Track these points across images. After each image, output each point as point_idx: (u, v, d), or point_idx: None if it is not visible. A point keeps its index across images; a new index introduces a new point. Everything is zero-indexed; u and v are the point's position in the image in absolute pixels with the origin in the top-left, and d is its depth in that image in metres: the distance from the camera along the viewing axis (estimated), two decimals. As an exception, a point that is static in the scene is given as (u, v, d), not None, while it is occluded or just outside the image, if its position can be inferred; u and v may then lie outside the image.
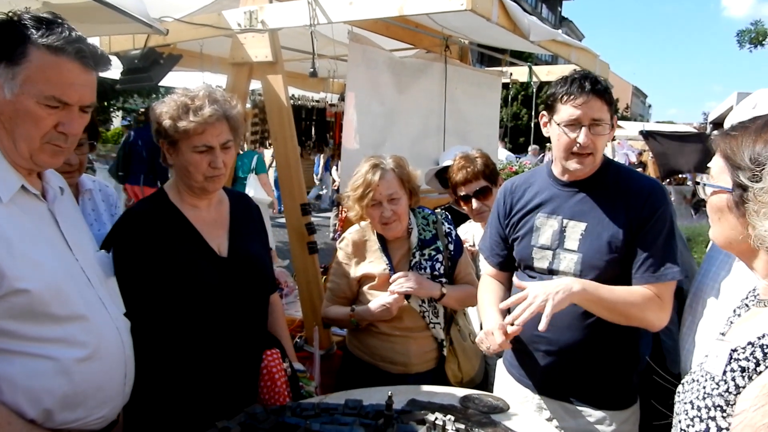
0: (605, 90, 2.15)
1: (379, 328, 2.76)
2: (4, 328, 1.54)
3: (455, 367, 2.87)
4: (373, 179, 2.69)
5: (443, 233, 2.89)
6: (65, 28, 1.61)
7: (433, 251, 2.83)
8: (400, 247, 2.83)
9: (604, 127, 2.15)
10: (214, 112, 2.12)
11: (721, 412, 1.32)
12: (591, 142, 2.15)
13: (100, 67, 1.68)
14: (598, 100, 2.13)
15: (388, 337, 2.76)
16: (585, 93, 2.13)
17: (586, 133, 2.14)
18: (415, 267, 2.78)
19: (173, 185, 2.29)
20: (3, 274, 1.51)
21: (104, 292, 1.81)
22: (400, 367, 2.76)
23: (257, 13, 3.63)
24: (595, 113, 2.14)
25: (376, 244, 2.81)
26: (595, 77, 2.18)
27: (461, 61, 5.48)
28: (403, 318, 2.74)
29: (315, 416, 1.98)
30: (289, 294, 4.83)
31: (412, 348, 2.76)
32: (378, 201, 2.70)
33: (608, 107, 2.16)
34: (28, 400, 1.57)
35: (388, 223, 2.72)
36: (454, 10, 3.09)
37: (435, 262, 2.81)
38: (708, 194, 1.52)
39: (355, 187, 2.75)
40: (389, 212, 2.70)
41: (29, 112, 1.57)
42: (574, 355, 2.26)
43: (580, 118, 2.14)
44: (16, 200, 1.62)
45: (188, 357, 2.15)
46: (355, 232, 2.89)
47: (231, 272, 2.22)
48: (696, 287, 2.26)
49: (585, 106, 2.13)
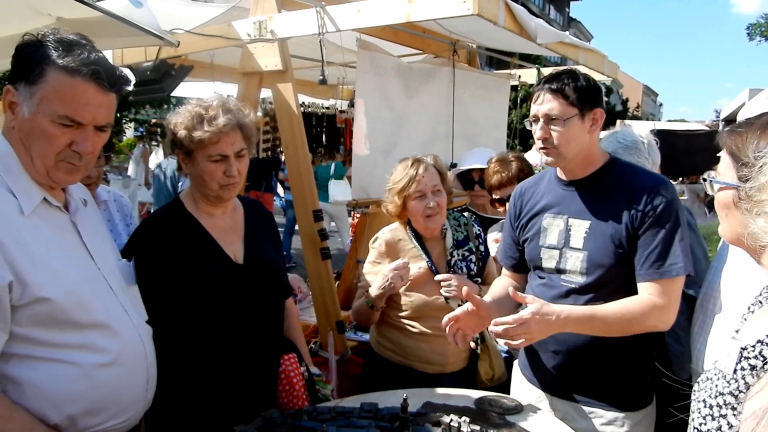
0: (562, 86, 2.20)
1: (418, 328, 2.77)
2: (27, 335, 1.58)
3: (487, 365, 2.90)
4: (417, 172, 2.75)
5: (474, 235, 2.95)
6: (86, 49, 1.65)
7: (467, 252, 2.89)
8: (435, 247, 2.86)
9: (558, 121, 2.20)
10: (228, 121, 2.16)
11: (732, 410, 1.32)
12: (548, 135, 2.23)
13: (116, 88, 1.71)
14: (552, 94, 2.21)
15: (425, 338, 2.78)
16: (540, 91, 2.26)
17: (541, 126, 2.24)
18: (454, 266, 2.81)
19: (189, 194, 2.32)
20: (26, 282, 1.55)
21: (126, 300, 1.85)
22: (437, 367, 2.78)
23: (266, 23, 3.67)
24: (547, 108, 2.22)
25: (411, 243, 2.83)
26: (560, 74, 2.25)
27: (469, 64, 5.49)
28: (441, 317, 2.76)
29: (331, 420, 2.01)
30: (302, 300, 4.85)
31: (449, 347, 2.77)
32: (422, 192, 2.75)
33: (566, 101, 2.20)
34: (52, 405, 1.61)
35: (432, 215, 2.75)
36: (461, 15, 3.12)
37: (470, 263, 2.86)
38: (715, 190, 1.53)
39: (398, 180, 2.79)
40: (433, 202, 2.74)
41: (44, 130, 1.62)
42: (585, 355, 2.26)
43: (536, 114, 2.26)
44: (38, 212, 1.67)
45: (208, 362, 2.19)
46: (389, 232, 2.91)
47: (247, 278, 2.26)
48: (707, 285, 2.25)
49: (539, 102, 2.25)
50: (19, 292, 1.55)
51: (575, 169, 2.30)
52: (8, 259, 1.54)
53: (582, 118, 2.21)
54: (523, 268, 2.55)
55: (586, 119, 2.23)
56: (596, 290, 2.21)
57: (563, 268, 2.29)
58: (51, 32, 1.66)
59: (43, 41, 1.63)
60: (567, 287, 2.27)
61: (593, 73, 5.45)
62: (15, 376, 1.58)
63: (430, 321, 2.76)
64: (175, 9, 4.35)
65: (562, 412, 2.33)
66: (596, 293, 2.20)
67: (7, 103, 1.65)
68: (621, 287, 2.19)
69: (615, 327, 2.13)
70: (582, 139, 2.23)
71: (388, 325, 2.85)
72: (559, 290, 2.28)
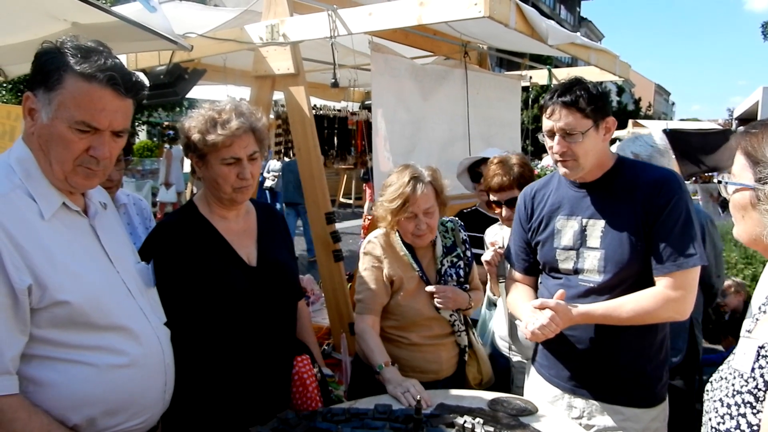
0: (576, 99, 2.20)
1: (410, 339, 2.74)
2: (47, 337, 1.61)
3: (475, 369, 2.89)
4: (413, 193, 2.64)
5: (461, 240, 2.93)
6: (103, 56, 1.67)
7: (455, 258, 2.86)
8: (425, 255, 2.83)
9: (577, 135, 2.21)
10: (241, 124, 2.18)
11: (751, 408, 1.33)
12: (567, 149, 2.23)
13: (133, 94, 1.73)
14: (567, 109, 2.21)
15: (419, 347, 2.75)
16: (553, 104, 2.25)
17: (558, 141, 2.25)
18: (444, 274, 2.81)
19: (202, 197, 2.34)
20: (45, 286, 1.58)
21: (145, 303, 1.87)
22: (431, 375, 2.75)
23: (279, 27, 3.70)
24: (564, 123, 2.22)
25: (402, 250, 2.81)
26: (571, 85, 2.24)
27: (480, 66, 5.50)
28: (433, 326, 2.75)
29: (346, 421, 2.02)
30: (315, 302, 4.87)
31: (442, 354, 2.77)
32: (414, 214, 2.66)
33: (581, 114, 2.20)
34: (71, 406, 1.63)
35: (421, 235, 2.72)
36: (472, 18, 3.12)
37: (458, 269, 2.85)
38: (730, 193, 1.53)
39: (391, 199, 2.67)
40: (424, 225, 2.67)
41: (62, 136, 1.65)
42: (602, 352, 2.29)
43: (552, 129, 2.26)
44: (58, 216, 1.70)
45: (223, 364, 2.20)
46: (381, 235, 2.84)
47: (261, 281, 2.27)
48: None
49: (554, 117, 2.24)
50: (39, 295, 1.57)
51: (588, 175, 2.32)
52: (28, 263, 1.56)
53: (597, 129, 2.24)
54: (534, 270, 2.56)
55: (600, 129, 2.26)
56: (615, 287, 2.24)
57: (581, 268, 2.31)
58: (69, 39, 1.69)
59: (61, 48, 1.66)
60: (586, 287, 2.29)
61: (605, 74, 5.45)
62: (35, 377, 1.60)
63: (422, 331, 2.74)
64: (188, 13, 4.40)
65: (581, 410, 2.35)
66: (615, 290, 2.23)
67: (26, 110, 1.68)
68: (638, 283, 2.22)
69: (630, 321, 2.19)
70: (598, 148, 2.26)
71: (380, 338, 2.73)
72: (577, 290, 2.30)
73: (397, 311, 2.74)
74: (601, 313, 2.20)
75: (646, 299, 2.17)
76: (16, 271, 1.54)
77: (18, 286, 1.53)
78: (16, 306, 1.54)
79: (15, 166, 1.68)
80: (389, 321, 2.77)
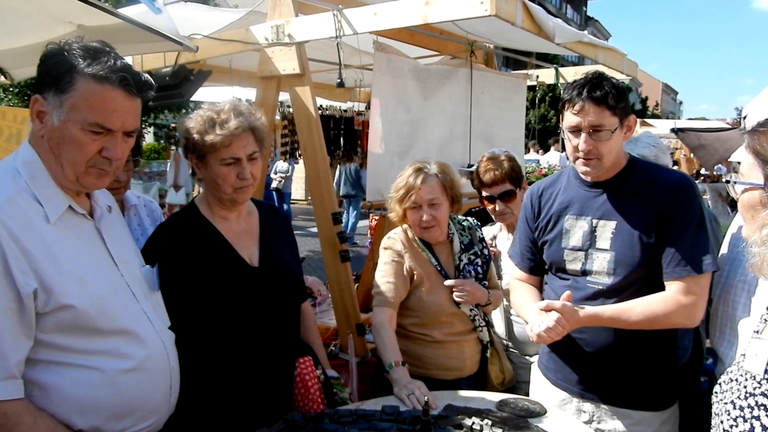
0: (605, 95, 2.13)
1: (433, 336, 2.75)
2: (53, 342, 1.61)
3: (497, 368, 2.90)
4: (415, 182, 2.72)
5: (477, 239, 2.95)
6: (111, 57, 1.67)
7: (473, 256, 2.89)
8: (442, 251, 2.86)
9: (606, 132, 2.15)
10: (239, 124, 2.17)
11: (765, 411, 1.30)
12: (593, 147, 2.17)
13: (143, 94, 1.74)
14: (596, 106, 2.14)
15: (441, 345, 2.76)
16: (582, 100, 2.15)
17: (586, 139, 2.17)
18: (463, 270, 2.81)
19: (203, 199, 2.34)
20: (51, 290, 1.58)
21: (149, 307, 1.87)
22: (456, 372, 2.76)
23: (284, 27, 3.69)
24: (594, 120, 2.14)
25: (420, 246, 2.83)
26: (600, 81, 2.17)
27: (487, 65, 5.47)
28: (454, 323, 2.76)
29: (353, 422, 2.01)
30: (322, 302, 4.86)
31: (466, 351, 2.79)
32: (418, 204, 2.72)
33: (610, 111, 2.14)
34: (77, 411, 1.63)
35: (426, 227, 2.74)
36: (478, 16, 3.10)
37: (477, 266, 2.87)
38: (739, 192, 1.51)
39: (398, 189, 2.78)
40: (428, 216, 2.71)
41: (74, 138, 1.64)
42: (611, 355, 2.26)
43: (579, 125, 2.17)
44: (63, 220, 1.69)
45: (225, 366, 2.19)
46: (401, 232, 2.90)
47: (263, 282, 2.26)
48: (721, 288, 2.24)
49: (583, 112, 2.15)
50: (44, 299, 1.57)
51: (601, 174, 2.27)
52: (33, 267, 1.56)
53: (622, 127, 2.20)
54: (539, 270, 2.53)
55: (624, 127, 2.21)
56: (624, 290, 2.20)
57: (589, 270, 2.27)
58: (75, 40, 1.68)
59: (68, 50, 1.65)
60: (594, 289, 2.26)
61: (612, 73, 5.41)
62: (40, 382, 1.60)
63: (443, 328, 2.75)
64: (193, 15, 4.40)
65: (590, 414, 2.32)
66: (623, 294, 2.20)
67: (34, 112, 1.67)
68: (647, 286, 2.18)
69: (639, 326, 2.15)
70: (619, 146, 2.22)
71: (401, 337, 2.77)
72: (585, 292, 2.27)
73: (418, 307, 2.76)
74: (609, 316, 2.16)
75: (656, 303, 2.12)
76: (22, 275, 1.54)
77: (23, 290, 1.53)
78: (22, 310, 1.54)
79: (21, 169, 1.68)
80: (411, 318, 2.78)
